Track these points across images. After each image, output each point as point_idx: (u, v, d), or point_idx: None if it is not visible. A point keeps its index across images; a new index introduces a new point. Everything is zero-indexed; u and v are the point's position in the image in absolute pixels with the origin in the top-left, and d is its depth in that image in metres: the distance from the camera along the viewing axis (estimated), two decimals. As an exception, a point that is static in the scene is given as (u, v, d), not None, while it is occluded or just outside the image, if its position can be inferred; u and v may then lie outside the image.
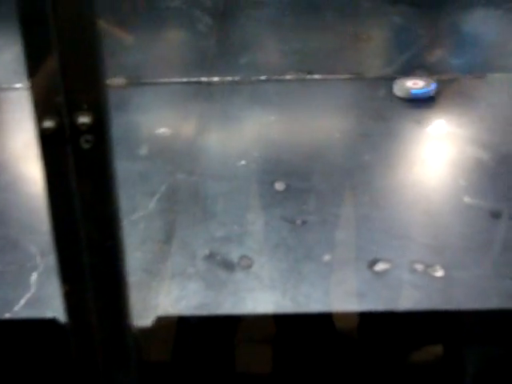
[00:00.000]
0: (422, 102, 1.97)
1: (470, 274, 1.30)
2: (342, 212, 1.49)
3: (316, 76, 2.09)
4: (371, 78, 2.10)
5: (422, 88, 1.95)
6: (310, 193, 1.55)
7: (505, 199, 1.54)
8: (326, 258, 1.35)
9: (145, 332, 1.20)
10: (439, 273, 1.30)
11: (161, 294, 1.29)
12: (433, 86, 1.95)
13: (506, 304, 1.23)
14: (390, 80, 2.10)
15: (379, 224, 1.45)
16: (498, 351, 1.27)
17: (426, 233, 1.43)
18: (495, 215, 1.48)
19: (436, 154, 1.76)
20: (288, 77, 2.09)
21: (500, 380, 1.29)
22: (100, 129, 0.80)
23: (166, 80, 2.09)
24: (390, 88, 2.02)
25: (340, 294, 1.27)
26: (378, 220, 1.46)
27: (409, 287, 1.28)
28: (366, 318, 1.24)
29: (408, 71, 2.14)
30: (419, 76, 1.99)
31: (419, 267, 1.32)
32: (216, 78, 2.08)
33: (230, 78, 2.08)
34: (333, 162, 1.68)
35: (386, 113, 1.92)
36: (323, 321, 1.25)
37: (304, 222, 1.45)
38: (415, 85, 1.94)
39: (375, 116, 1.89)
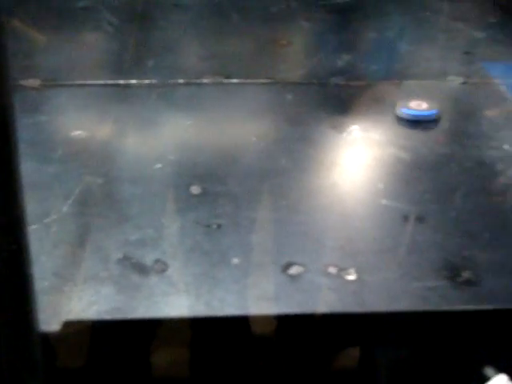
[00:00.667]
0: (339, 108, 2.00)
1: (382, 277, 1.32)
2: (258, 216, 1.49)
3: (234, 80, 2.09)
4: (288, 83, 2.12)
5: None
6: (226, 196, 1.55)
7: (418, 202, 1.57)
8: (241, 262, 1.35)
9: (54, 338, 1.18)
10: (352, 276, 1.32)
11: (72, 299, 1.26)
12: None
13: (414, 306, 1.25)
14: (306, 85, 2.13)
15: (294, 228, 1.46)
16: (408, 352, 1.29)
17: (340, 236, 1.45)
18: (408, 218, 1.51)
19: (352, 158, 1.79)
20: (205, 80, 2.09)
21: (411, 381, 1.32)
22: (3, 131, 0.79)
23: (82, 82, 2.07)
24: (308, 93, 2.05)
25: (254, 297, 1.27)
26: (293, 224, 1.47)
27: (322, 290, 1.29)
28: (279, 320, 1.24)
29: (324, 76, 2.17)
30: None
31: (333, 270, 1.33)
32: (133, 81, 2.07)
33: (147, 81, 2.07)
34: (249, 166, 1.68)
35: (303, 118, 1.93)
36: (237, 324, 1.25)
37: (219, 226, 1.45)
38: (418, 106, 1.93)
39: (292, 121, 1.91)
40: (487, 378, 1.04)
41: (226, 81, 2.09)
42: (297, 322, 1.25)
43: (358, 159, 1.78)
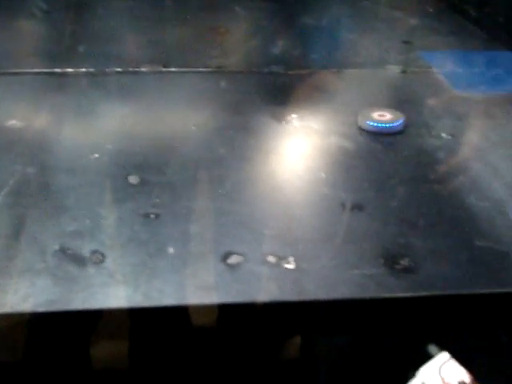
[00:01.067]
0: (279, 96, 2.00)
1: (321, 265, 1.32)
2: (196, 205, 1.48)
3: (172, 69, 2.08)
4: (227, 72, 2.11)
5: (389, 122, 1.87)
6: (164, 186, 1.53)
7: (357, 191, 1.58)
8: (179, 252, 1.33)
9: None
10: (291, 264, 1.32)
11: (8, 292, 1.24)
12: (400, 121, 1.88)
13: (353, 294, 1.26)
14: (245, 74, 2.12)
15: (233, 217, 1.45)
16: (348, 339, 1.30)
17: (279, 225, 1.44)
18: (348, 207, 1.51)
19: (291, 147, 1.79)
20: (143, 69, 2.07)
21: (351, 368, 1.32)
22: None
23: (17, 70, 2.03)
24: (247, 82, 2.04)
25: (193, 287, 1.26)
26: (231, 213, 1.46)
27: (261, 279, 1.28)
28: (218, 310, 1.23)
29: (264, 65, 2.16)
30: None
31: (272, 259, 1.33)
32: (69, 69, 2.03)
33: (83, 70, 2.04)
34: (188, 155, 1.67)
35: (243, 107, 1.92)
36: (176, 314, 1.23)
37: (157, 216, 1.43)
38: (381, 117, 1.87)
39: (231, 110, 1.90)
40: (430, 356, 1.04)
41: (164, 69, 2.07)
42: (236, 311, 1.24)
43: (297, 148, 1.78)
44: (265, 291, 1.25)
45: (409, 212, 1.50)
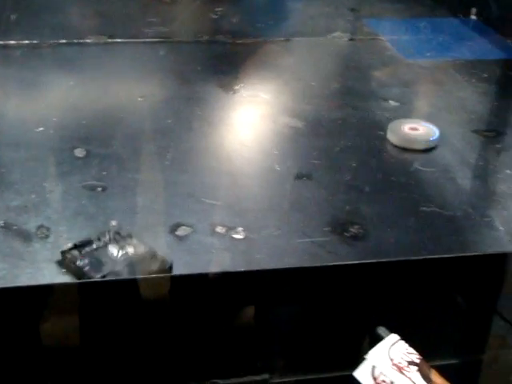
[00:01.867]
0: (227, 66, 1.99)
1: (270, 235, 1.32)
2: (144, 177, 1.46)
3: (118, 39, 2.05)
4: (174, 42, 2.08)
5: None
6: (111, 159, 1.51)
7: (307, 161, 1.57)
8: (127, 224, 1.32)
9: None
10: (240, 235, 1.31)
11: (-48, 269, 1.21)
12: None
13: (303, 262, 1.26)
14: (194, 43, 2.10)
15: (181, 188, 1.44)
16: (300, 308, 1.30)
17: (227, 196, 1.44)
18: (297, 177, 1.51)
19: (239, 117, 1.78)
20: (88, 40, 2.03)
21: (304, 337, 1.32)
22: None
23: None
24: (194, 52, 2.02)
25: (142, 260, 1.25)
26: (180, 184, 1.45)
27: (210, 250, 1.27)
28: (167, 282, 1.22)
29: (213, 33, 2.15)
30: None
31: (220, 230, 1.32)
32: (12, 41, 1.99)
33: (26, 42, 2.00)
34: (134, 127, 1.65)
35: (190, 77, 1.91)
36: (126, 287, 1.22)
37: (104, 189, 1.41)
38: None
39: (178, 80, 1.88)
40: (380, 338, 1.05)
41: (109, 40, 2.04)
42: (186, 282, 1.23)
43: (245, 118, 1.77)
44: (214, 262, 1.25)
45: (358, 180, 1.51)
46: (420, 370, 1.01)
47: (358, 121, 1.75)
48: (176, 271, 1.22)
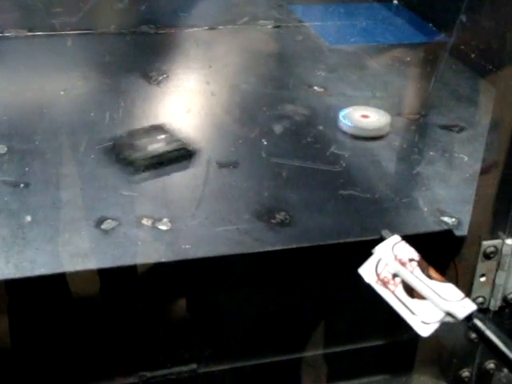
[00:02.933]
0: (150, 57, 1.97)
1: (196, 224, 1.31)
2: (68, 172, 1.44)
3: (38, 33, 2.01)
4: (97, 33, 2.06)
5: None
6: (33, 154, 1.49)
7: (232, 149, 1.57)
8: (52, 220, 1.30)
9: None
10: (166, 226, 1.30)
11: None
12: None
13: (230, 250, 1.26)
14: (117, 35, 2.08)
15: (106, 182, 1.42)
16: (226, 297, 1.30)
17: (153, 187, 1.43)
18: (223, 166, 1.51)
19: (164, 107, 1.76)
20: (7, 34, 1.99)
21: (231, 325, 1.33)
22: None
23: None
24: (117, 43, 2.00)
25: (67, 255, 1.23)
26: (104, 178, 1.43)
27: (136, 243, 1.26)
28: (96, 276, 1.21)
29: (136, 24, 2.13)
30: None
31: (146, 222, 1.31)
32: None
33: None
34: (57, 121, 1.62)
35: (113, 69, 1.89)
36: (51, 283, 1.20)
37: (27, 185, 1.39)
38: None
39: (101, 72, 1.86)
40: (384, 239, 1.12)
41: (29, 33, 2.01)
42: (113, 275, 1.22)
43: (169, 109, 1.75)
44: (140, 254, 1.24)
45: (283, 167, 1.51)
46: (419, 266, 1.09)
47: (281, 108, 1.75)
48: (102, 265, 1.21)
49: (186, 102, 1.78)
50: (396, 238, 1.13)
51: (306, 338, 1.36)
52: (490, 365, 1.36)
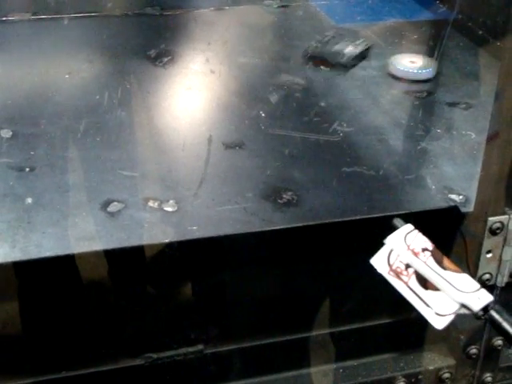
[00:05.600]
0: (155, 39, 1.96)
1: (203, 206, 1.31)
2: (73, 155, 1.44)
3: (42, 16, 2.01)
4: (101, 16, 2.05)
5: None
6: (39, 138, 1.48)
7: (238, 129, 1.57)
8: (58, 204, 1.30)
9: None
10: (173, 207, 1.30)
11: None
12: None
13: (237, 229, 1.25)
14: (121, 17, 2.07)
15: (112, 164, 1.42)
16: (232, 277, 1.30)
17: (159, 169, 1.42)
18: (229, 147, 1.50)
19: (170, 89, 1.76)
20: (11, 18, 1.99)
21: (237, 305, 1.33)
22: None
23: None
24: (122, 25, 2.00)
25: (74, 238, 1.23)
26: (111, 160, 1.43)
27: (143, 225, 1.26)
28: (105, 257, 1.21)
29: (139, 7, 2.12)
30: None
31: (153, 204, 1.31)
32: None
33: None
34: (62, 105, 1.62)
35: (118, 52, 1.88)
36: (60, 265, 1.20)
37: (33, 169, 1.39)
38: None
39: (106, 55, 1.85)
40: (396, 228, 1.10)
41: (33, 17, 2.00)
42: (118, 256, 1.22)
43: (175, 91, 1.75)
44: (147, 236, 1.24)
45: (289, 146, 1.50)
46: (433, 256, 1.06)
47: (289, 87, 1.75)
48: (109, 247, 1.21)
49: (190, 82, 1.77)
50: (409, 226, 1.10)
51: (313, 317, 1.36)
52: (498, 341, 1.36)
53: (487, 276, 1.26)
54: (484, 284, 1.26)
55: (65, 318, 1.24)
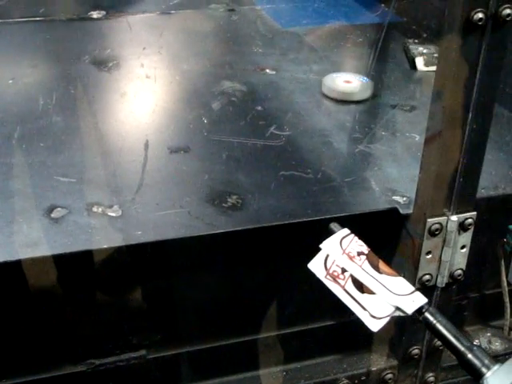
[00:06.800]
0: (100, 43, 1.96)
1: (147, 210, 1.31)
2: (17, 161, 1.43)
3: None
4: (47, 20, 2.04)
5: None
6: (-19, 144, 1.47)
7: (183, 134, 1.57)
8: (1, 210, 1.29)
9: None
10: (117, 212, 1.30)
11: None
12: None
13: (181, 233, 1.26)
14: (67, 21, 2.06)
15: (56, 170, 1.41)
16: (175, 280, 1.30)
17: (103, 174, 1.42)
18: (174, 151, 1.50)
19: (114, 93, 1.75)
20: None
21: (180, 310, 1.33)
22: None
23: None
24: (68, 30, 1.99)
25: (17, 244, 1.22)
26: (55, 166, 1.42)
27: (87, 230, 1.26)
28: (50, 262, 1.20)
29: (84, 11, 2.11)
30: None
31: (97, 209, 1.31)
32: None
33: None
34: (5, 111, 1.61)
35: (63, 56, 1.87)
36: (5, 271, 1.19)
37: (-26, 175, 1.38)
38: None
39: (51, 60, 1.85)
40: (332, 232, 1.12)
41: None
42: (61, 262, 1.20)
43: (119, 95, 1.74)
44: (90, 241, 1.23)
45: (234, 151, 1.51)
46: (368, 259, 1.08)
47: (233, 92, 1.75)
48: (52, 252, 1.20)
49: (135, 87, 1.77)
50: (345, 231, 1.12)
51: (257, 320, 1.36)
52: (439, 342, 1.38)
53: (427, 277, 1.27)
54: (424, 285, 1.28)
55: (7, 323, 1.22)
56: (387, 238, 1.33)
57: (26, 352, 1.24)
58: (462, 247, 1.27)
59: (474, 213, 1.25)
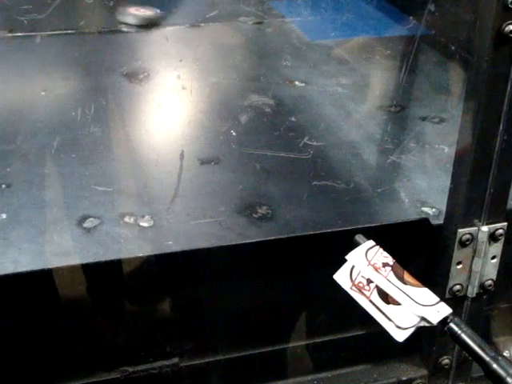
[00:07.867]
0: (131, 55, 1.98)
1: (179, 221, 1.32)
2: (50, 171, 1.45)
3: (18, 33, 2.02)
4: (77, 33, 2.07)
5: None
6: (15, 155, 1.49)
7: (214, 145, 1.59)
8: (34, 220, 1.31)
9: None
10: (149, 223, 1.31)
11: None
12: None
13: (212, 243, 1.27)
14: (97, 34, 2.08)
15: (88, 180, 1.43)
16: (208, 290, 1.31)
17: (135, 185, 1.44)
18: (204, 162, 1.52)
19: (145, 105, 1.77)
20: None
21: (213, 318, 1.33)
22: None
23: None
24: (98, 42, 2.01)
25: (49, 254, 1.24)
26: (87, 176, 1.44)
27: (119, 240, 1.27)
28: (82, 271, 1.22)
29: (114, 24, 2.13)
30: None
31: (129, 220, 1.32)
32: None
33: None
34: (38, 122, 1.63)
35: (94, 68, 1.89)
36: (37, 281, 1.21)
37: (9, 186, 1.40)
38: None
39: (82, 72, 1.87)
40: (358, 244, 1.13)
41: (9, 34, 2.01)
42: (95, 271, 1.22)
43: (151, 107, 1.76)
44: (122, 251, 1.24)
45: (265, 162, 1.52)
46: (393, 271, 1.09)
47: (263, 104, 1.76)
48: (84, 261, 1.21)
49: (166, 98, 1.79)
50: (370, 243, 1.13)
51: (288, 330, 1.37)
52: (468, 352, 1.38)
53: (458, 287, 1.28)
54: (455, 295, 1.28)
55: (41, 332, 1.24)
56: (418, 249, 1.33)
57: (60, 360, 1.26)
58: (493, 257, 1.27)
59: (505, 223, 1.25)
